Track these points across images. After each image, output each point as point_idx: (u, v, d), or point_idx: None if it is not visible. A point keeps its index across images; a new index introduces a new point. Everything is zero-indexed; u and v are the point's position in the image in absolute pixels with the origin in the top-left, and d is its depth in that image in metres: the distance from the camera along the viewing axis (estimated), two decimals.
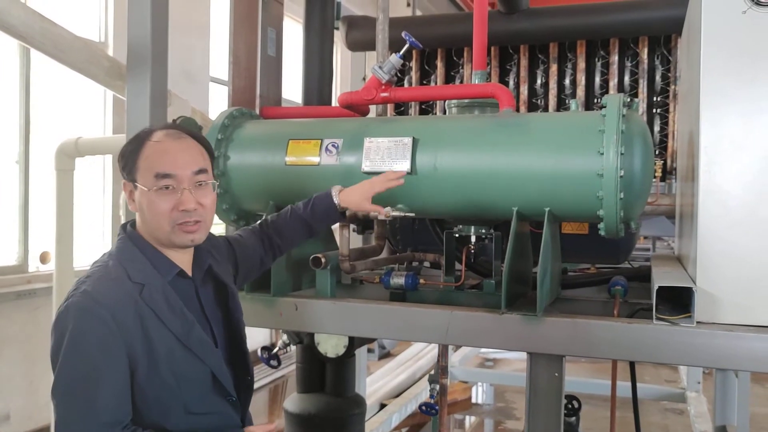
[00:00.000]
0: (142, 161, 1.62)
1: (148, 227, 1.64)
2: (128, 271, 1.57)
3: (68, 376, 1.48)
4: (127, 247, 1.64)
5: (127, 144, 1.68)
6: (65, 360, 1.47)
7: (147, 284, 1.57)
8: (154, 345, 1.54)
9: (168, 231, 1.61)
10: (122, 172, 1.66)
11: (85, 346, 1.47)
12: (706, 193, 1.95)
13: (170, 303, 1.59)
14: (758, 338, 1.83)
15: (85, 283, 1.54)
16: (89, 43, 3.25)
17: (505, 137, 2.16)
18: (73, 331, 1.47)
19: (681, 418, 6.32)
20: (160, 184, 1.59)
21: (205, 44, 6.82)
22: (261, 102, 3.00)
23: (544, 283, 2.04)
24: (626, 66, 3.37)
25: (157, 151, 1.62)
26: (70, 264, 3.95)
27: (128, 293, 1.54)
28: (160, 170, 1.60)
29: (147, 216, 1.62)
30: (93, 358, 1.47)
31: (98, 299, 1.50)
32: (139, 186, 1.61)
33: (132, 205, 1.65)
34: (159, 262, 1.63)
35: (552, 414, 2.04)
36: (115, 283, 1.55)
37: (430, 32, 3.53)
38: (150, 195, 1.60)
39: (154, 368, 1.53)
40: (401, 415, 5.53)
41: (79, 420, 1.46)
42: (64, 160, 3.88)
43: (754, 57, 1.89)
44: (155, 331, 1.54)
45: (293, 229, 2.12)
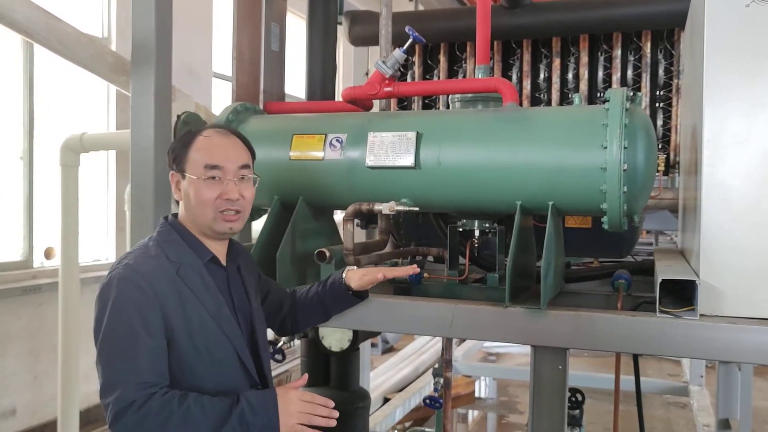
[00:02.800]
0: (192, 153, 1.76)
1: (192, 215, 1.77)
2: (166, 252, 1.71)
3: (110, 340, 1.59)
4: (167, 231, 1.78)
5: (178, 139, 1.84)
6: (108, 325, 1.59)
7: (183, 263, 1.71)
8: (190, 318, 1.66)
9: (211, 218, 1.75)
10: (171, 164, 1.80)
11: (125, 311, 1.59)
12: (709, 187, 1.96)
13: (205, 282, 1.73)
14: (761, 331, 1.84)
15: (126, 258, 1.69)
16: (94, 39, 3.26)
17: (508, 132, 2.17)
18: (115, 299, 1.60)
19: (684, 411, 6.34)
20: (208, 174, 1.74)
21: (208, 40, 6.82)
22: (264, 97, 3.01)
23: (547, 277, 2.05)
24: (629, 60, 3.37)
25: (207, 144, 1.77)
26: (75, 259, 3.97)
27: (166, 269, 1.68)
28: (209, 161, 1.75)
29: (192, 203, 1.75)
30: (132, 321, 1.58)
31: (138, 270, 1.64)
32: (188, 175, 1.75)
33: (177, 194, 1.79)
34: (196, 246, 1.77)
35: (556, 407, 2.05)
36: (154, 259, 1.69)
37: (433, 27, 3.53)
38: (198, 183, 1.74)
39: (189, 339, 1.65)
40: (405, 409, 5.55)
41: (121, 379, 1.56)
42: (69, 156, 3.89)
43: (757, 51, 1.90)
44: (190, 305, 1.66)
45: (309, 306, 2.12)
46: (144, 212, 2.50)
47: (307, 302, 2.12)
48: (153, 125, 2.48)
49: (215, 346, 1.69)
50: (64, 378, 3.91)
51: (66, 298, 3.92)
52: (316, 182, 2.37)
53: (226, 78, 6.83)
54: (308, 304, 2.12)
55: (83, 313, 3.94)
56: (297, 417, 1.62)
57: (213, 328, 1.69)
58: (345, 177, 2.34)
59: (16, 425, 4.91)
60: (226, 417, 1.56)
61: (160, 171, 2.49)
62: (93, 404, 5.58)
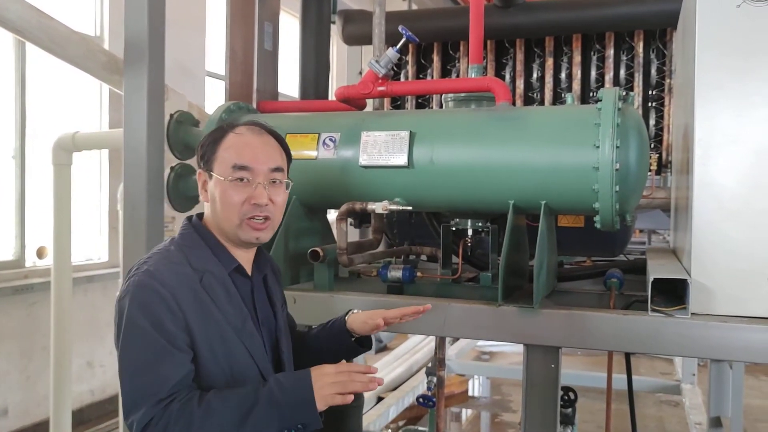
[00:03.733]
0: (221, 151, 1.63)
1: (217, 218, 1.64)
2: (189, 258, 1.58)
3: (130, 354, 1.49)
4: (190, 235, 1.65)
5: (208, 135, 1.69)
6: (126, 338, 1.49)
7: (207, 272, 1.58)
8: (211, 331, 1.54)
9: (236, 224, 1.62)
10: (199, 162, 1.67)
11: (144, 322, 1.47)
12: (700, 186, 1.97)
13: (229, 293, 1.60)
14: (752, 329, 1.86)
15: (146, 263, 1.56)
16: (86, 38, 3.25)
17: (501, 131, 2.17)
18: (133, 308, 1.49)
19: (676, 410, 6.36)
20: (236, 175, 1.61)
21: (202, 39, 6.81)
22: (258, 96, 3.01)
23: (540, 276, 2.06)
24: (622, 60, 3.38)
25: (237, 143, 1.64)
26: (68, 259, 3.96)
27: (188, 278, 1.55)
28: (238, 162, 1.61)
29: (218, 207, 1.63)
30: (152, 332, 1.47)
31: (160, 279, 1.51)
32: (215, 175, 1.62)
33: (204, 195, 1.66)
34: (220, 254, 1.64)
35: (548, 405, 2.06)
36: (176, 266, 1.56)
37: (427, 26, 3.53)
38: (224, 185, 1.61)
39: (210, 353, 1.53)
40: (398, 408, 5.55)
41: (144, 397, 1.45)
42: (61, 155, 3.88)
43: (749, 51, 1.91)
44: (212, 318, 1.54)
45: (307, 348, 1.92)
46: (136, 212, 2.49)
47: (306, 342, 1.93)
48: (145, 124, 2.47)
49: (237, 361, 1.57)
50: (57, 378, 3.90)
51: (58, 298, 3.91)
52: (309, 181, 2.37)
53: (219, 77, 6.82)
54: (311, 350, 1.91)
55: (75, 312, 3.93)
56: (331, 387, 1.46)
57: (235, 342, 1.57)
58: (338, 176, 2.34)
59: (8, 425, 4.89)
60: (252, 402, 1.44)
61: (153, 170, 2.48)
62: (86, 404, 5.57)
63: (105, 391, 5.74)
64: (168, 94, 3.02)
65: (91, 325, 5.50)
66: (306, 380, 1.47)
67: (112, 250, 5.77)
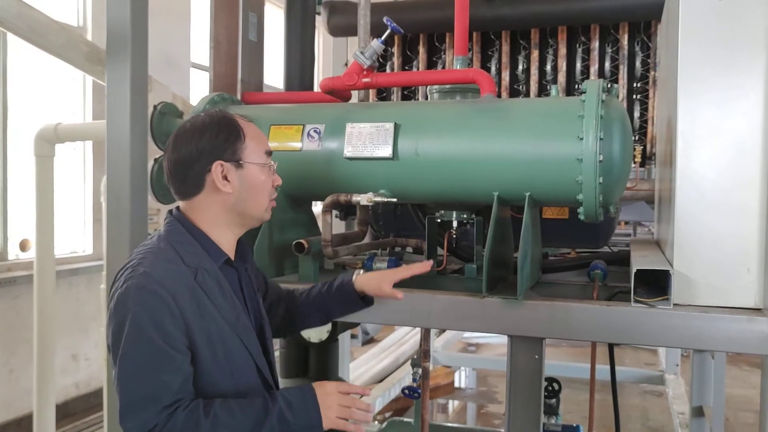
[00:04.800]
0: (250, 140, 1.65)
1: (243, 205, 1.64)
2: (182, 255, 1.58)
3: (132, 359, 1.47)
4: (177, 230, 1.63)
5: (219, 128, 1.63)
6: (129, 342, 1.47)
7: (200, 268, 1.58)
8: (208, 327, 1.54)
9: (265, 207, 1.69)
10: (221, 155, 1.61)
11: (148, 326, 1.46)
12: (682, 178, 1.98)
13: (222, 288, 1.61)
14: (732, 319, 1.87)
15: (141, 264, 1.53)
16: (67, 28, 3.21)
17: (485, 123, 2.17)
18: (136, 312, 1.47)
19: (660, 400, 6.43)
20: (268, 161, 1.69)
21: (186, 29, 6.76)
22: (242, 87, 2.99)
23: (524, 267, 2.06)
24: (607, 52, 3.39)
25: (257, 132, 1.70)
26: (51, 252, 3.93)
27: (184, 276, 1.55)
28: (267, 148, 1.70)
29: (248, 193, 1.64)
30: (156, 338, 1.46)
31: (159, 280, 1.50)
32: (249, 163, 1.63)
33: (226, 185, 1.61)
34: (209, 247, 1.63)
35: (532, 395, 2.07)
36: (171, 264, 1.55)
37: (412, 17, 3.53)
38: (261, 171, 1.66)
39: (209, 350, 1.54)
40: (385, 400, 5.58)
41: (144, 402, 1.44)
42: (44, 146, 3.84)
43: (730, 44, 1.92)
44: (209, 315, 1.55)
45: (309, 308, 2.00)
46: (120, 204, 2.47)
47: (307, 303, 1.99)
48: (129, 116, 2.44)
49: (233, 355, 1.59)
50: (40, 371, 3.87)
51: (41, 291, 3.87)
52: (294, 173, 2.36)
53: (204, 68, 6.77)
54: (309, 306, 1.99)
55: (60, 305, 3.91)
56: (337, 410, 1.53)
57: (232, 338, 1.58)
58: (323, 168, 2.33)
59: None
60: (262, 418, 1.47)
61: (137, 162, 2.46)
62: (71, 397, 5.54)
63: (90, 384, 5.72)
64: (152, 85, 2.99)
65: (76, 318, 5.47)
66: (313, 401, 1.52)
67: (97, 242, 5.73)
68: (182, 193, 1.65)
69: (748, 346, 1.86)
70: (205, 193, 1.62)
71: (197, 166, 1.60)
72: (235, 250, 1.73)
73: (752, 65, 1.91)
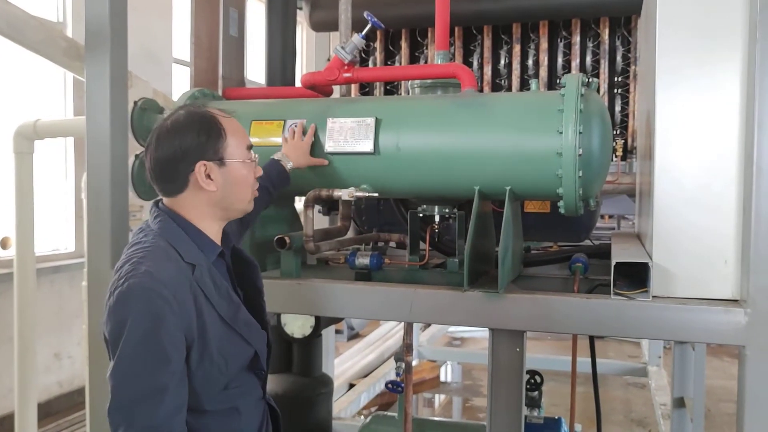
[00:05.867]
0: (231, 138, 1.64)
1: (228, 200, 1.66)
2: (180, 252, 1.57)
3: (134, 360, 1.46)
4: (171, 226, 1.62)
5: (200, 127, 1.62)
6: (131, 343, 1.45)
7: (197, 266, 1.58)
8: (207, 327, 1.54)
9: (249, 199, 1.72)
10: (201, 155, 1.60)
11: (152, 329, 1.45)
12: (661, 171, 2.00)
13: (217, 284, 1.61)
14: (711, 311, 1.90)
15: (143, 263, 1.51)
16: (45, 23, 3.18)
17: (466, 117, 2.18)
18: (140, 313, 1.46)
19: (643, 392, 6.49)
20: (251, 155, 1.71)
21: (168, 25, 6.71)
22: (224, 83, 2.97)
23: (505, 261, 2.08)
24: (588, 46, 3.41)
25: (237, 127, 1.69)
26: (32, 249, 3.89)
27: (185, 273, 1.54)
28: (248, 142, 1.71)
29: (233, 188, 1.65)
30: (161, 341, 1.45)
31: (162, 280, 1.48)
32: (231, 160, 1.63)
33: (210, 184, 1.61)
34: (203, 243, 1.64)
35: (514, 387, 2.08)
36: (173, 263, 1.54)
37: (394, 12, 3.52)
38: (245, 166, 1.67)
39: (206, 349, 1.54)
40: (370, 395, 5.59)
41: (144, 404, 1.44)
42: (23, 143, 3.80)
43: (707, 37, 1.94)
44: (206, 312, 1.55)
45: (257, 200, 2.02)
46: (101, 200, 2.45)
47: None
48: (109, 112, 2.42)
49: (231, 351, 1.60)
50: (21, 370, 3.84)
51: (22, 289, 3.84)
52: None
53: (186, 63, 6.73)
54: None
55: (42, 303, 3.87)
56: None
57: (228, 334, 1.59)
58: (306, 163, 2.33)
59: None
60: None
61: (117, 158, 2.44)
62: (53, 396, 5.50)
63: (73, 383, 5.68)
64: (132, 80, 2.97)
65: (58, 316, 5.42)
66: None
67: (79, 240, 5.68)
68: (167, 192, 1.65)
69: (725, 337, 1.89)
70: (190, 191, 1.62)
71: (180, 166, 1.60)
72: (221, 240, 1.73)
73: (729, 59, 1.93)
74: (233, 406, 1.64)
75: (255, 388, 1.73)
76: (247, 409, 1.68)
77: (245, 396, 1.68)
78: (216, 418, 1.61)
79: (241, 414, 1.66)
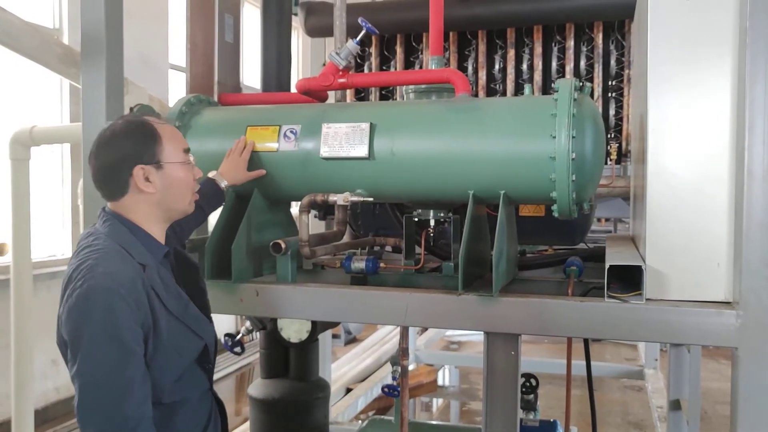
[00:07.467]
0: (167, 142, 1.74)
1: (168, 202, 1.75)
2: (131, 252, 1.66)
3: (100, 358, 1.52)
4: (119, 229, 1.70)
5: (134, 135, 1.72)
6: (95, 342, 1.52)
7: (146, 266, 1.66)
8: (158, 321, 1.62)
9: (189, 200, 1.80)
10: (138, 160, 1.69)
11: (114, 327, 1.52)
12: (654, 174, 2.01)
13: (165, 282, 1.70)
14: (704, 313, 1.90)
15: (99, 265, 1.59)
16: (40, 29, 3.20)
17: (459, 122, 2.19)
18: (101, 312, 1.52)
19: (639, 394, 6.51)
20: (187, 158, 1.79)
21: (164, 31, 6.73)
22: (219, 89, 2.98)
23: (499, 265, 2.08)
24: (582, 51, 3.42)
25: (172, 131, 1.80)
26: (28, 255, 3.89)
27: (138, 274, 1.62)
28: (185, 146, 1.80)
29: (175, 190, 1.75)
30: (123, 337, 1.53)
31: (118, 279, 1.56)
32: (168, 163, 1.72)
33: (148, 186, 1.71)
34: (150, 244, 1.73)
35: (509, 391, 2.09)
36: (127, 263, 1.63)
37: (389, 18, 3.53)
38: (182, 168, 1.76)
39: (159, 343, 1.62)
40: (367, 399, 5.59)
41: (118, 398, 1.51)
42: (19, 150, 3.81)
43: (698, 42, 1.95)
44: (157, 308, 1.63)
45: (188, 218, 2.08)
46: (97, 206, 2.43)
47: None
48: (105, 118, 2.43)
49: (183, 345, 1.70)
50: (18, 376, 3.84)
51: (18, 295, 3.84)
52: (271, 174, 2.37)
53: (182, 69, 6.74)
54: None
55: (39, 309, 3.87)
56: None
57: (179, 329, 1.69)
58: (299, 168, 2.34)
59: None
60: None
61: None
62: (51, 402, 5.49)
63: (70, 389, 5.63)
64: (128, 87, 2.98)
65: (55, 322, 5.41)
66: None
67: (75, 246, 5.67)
68: (110, 196, 1.74)
69: (718, 339, 1.90)
70: (131, 194, 1.72)
71: (121, 171, 1.70)
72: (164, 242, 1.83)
73: (720, 62, 1.94)
74: (183, 397, 1.73)
75: (202, 381, 1.82)
76: (195, 401, 1.78)
77: (193, 388, 1.77)
78: (170, 408, 1.70)
79: (190, 405, 1.75)
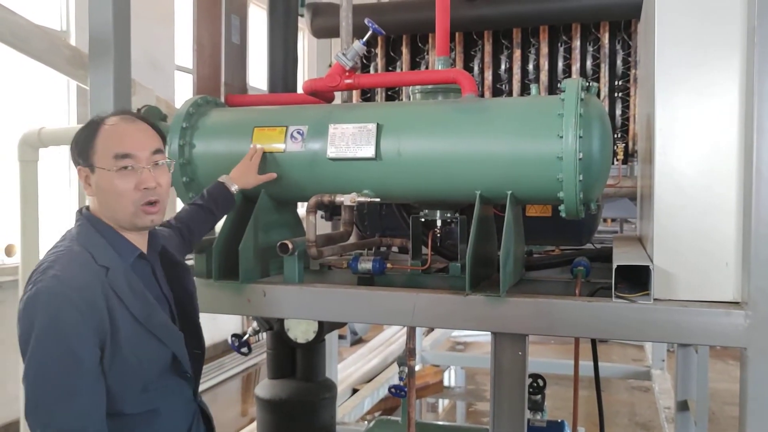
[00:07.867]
0: (99, 144, 1.64)
1: (110, 210, 1.66)
2: (93, 255, 1.60)
3: (43, 363, 1.48)
4: (88, 231, 1.66)
5: (81, 130, 1.70)
6: (39, 346, 1.48)
7: (111, 268, 1.60)
8: (118, 327, 1.56)
9: (131, 212, 1.65)
10: (77, 159, 1.67)
11: (60, 332, 1.47)
12: (661, 174, 2.01)
13: (132, 286, 1.63)
14: (711, 313, 1.90)
15: (53, 267, 1.54)
16: (49, 32, 3.21)
17: (466, 122, 2.19)
18: (47, 317, 1.48)
19: (646, 395, 6.49)
20: (120, 164, 1.63)
21: (171, 32, 6.75)
22: (226, 90, 2.99)
23: (507, 265, 2.08)
24: (588, 51, 3.42)
25: (114, 133, 1.65)
26: (36, 257, 3.90)
27: (96, 276, 1.56)
28: (119, 151, 1.63)
29: (108, 198, 1.65)
30: (69, 343, 1.48)
31: (69, 283, 1.51)
32: (98, 168, 1.63)
33: (89, 189, 1.67)
34: (120, 246, 1.66)
35: (516, 391, 2.09)
36: (83, 267, 1.57)
37: (395, 18, 3.54)
38: (111, 176, 1.62)
39: (118, 350, 1.56)
40: (373, 399, 5.59)
41: (57, 407, 1.47)
42: (27, 151, 3.83)
43: (705, 42, 1.94)
44: (119, 314, 1.57)
45: (200, 221, 2.16)
46: None
47: (196, 216, 2.16)
48: None
49: (147, 352, 1.62)
50: None
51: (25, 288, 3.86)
52: (278, 174, 2.38)
53: (189, 71, 6.76)
54: (197, 220, 2.16)
55: None
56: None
57: (143, 336, 1.61)
58: (306, 169, 2.34)
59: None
60: None
61: None
62: None
63: None
64: (135, 88, 2.99)
65: None
66: None
67: None
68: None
69: (726, 339, 1.89)
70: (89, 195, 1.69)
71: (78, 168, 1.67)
72: (147, 240, 1.76)
73: (728, 63, 1.94)
74: (153, 408, 1.66)
75: (182, 391, 1.75)
76: (170, 412, 1.70)
77: (168, 398, 1.69)
78: (136, 420, 1.63)
79: (163, 416, 1.68)
